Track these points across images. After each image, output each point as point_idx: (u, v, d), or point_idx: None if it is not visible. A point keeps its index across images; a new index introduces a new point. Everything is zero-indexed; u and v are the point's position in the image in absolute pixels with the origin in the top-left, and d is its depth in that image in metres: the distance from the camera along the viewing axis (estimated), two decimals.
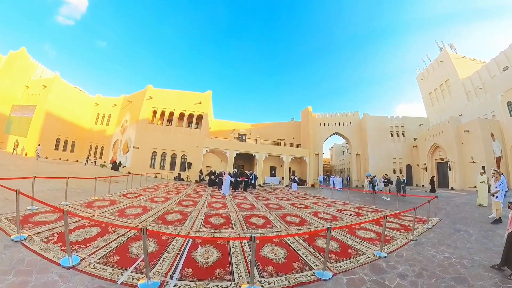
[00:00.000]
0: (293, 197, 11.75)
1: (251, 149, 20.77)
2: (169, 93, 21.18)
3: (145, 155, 19.08)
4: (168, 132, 19.84)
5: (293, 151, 21.85)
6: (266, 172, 22.04)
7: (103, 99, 26.44)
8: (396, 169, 21.82)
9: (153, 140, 19.38)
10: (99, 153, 24.23)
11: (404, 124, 23.16)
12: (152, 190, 10.43)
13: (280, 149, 21.51)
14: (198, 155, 19.23)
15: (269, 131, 26.49)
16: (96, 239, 3.82)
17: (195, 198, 9.04)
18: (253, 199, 10.35)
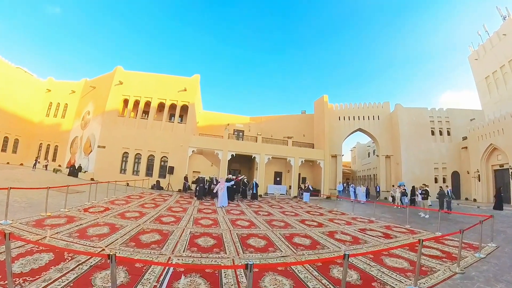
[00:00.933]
0: (303, 212, 11.82)
1: (250, 149, 20.88)
2: (144, 77, 21.31)
3: (114, 157, 19.24)
4: (143, 127, 19.96)
5: (303, 152, 21.94)
6: (269, 179, 22.17)
7: (57, 84, 26.49)
8: (438, 177, 21.83)
9: (124, 138, 19.53)
10: (51, 154, 24.36)
11: (450, 118, 22.98)
12: (122, 202, 10.48)
13: (287, 150, 21.62)
14: (182, 157, 19.34)
15: (274, 126, 26.62)
16: (48, 269, 3.75)
17: (178, 213, 9.09)
18: (252, 214, 10.40)
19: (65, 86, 25.73)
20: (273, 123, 26.94)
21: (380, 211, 13.04)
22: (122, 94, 20.63)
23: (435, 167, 21.99)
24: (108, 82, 21.27)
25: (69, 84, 25.75)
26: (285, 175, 23.03)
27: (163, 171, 19.56)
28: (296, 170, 21.39)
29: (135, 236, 5.72)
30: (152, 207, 10.04)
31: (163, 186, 18.45)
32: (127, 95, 20.66)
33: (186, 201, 13.25)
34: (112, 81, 20.82)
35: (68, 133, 23.87)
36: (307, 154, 22.00)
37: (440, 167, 21.96)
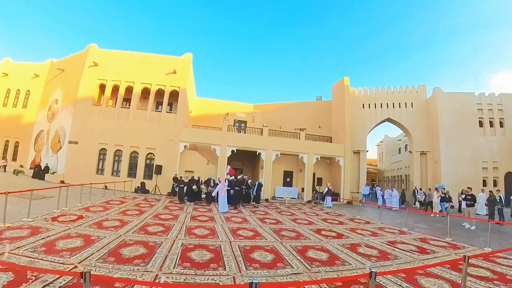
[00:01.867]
0: (318, 220, 11.87)
1: (255, 143, 20.97)
2: (124, 57, 21.38)
3: (89, 155, 19.44)
4: (124, 118, 20.10)
5: (319, 147, 21.95)
6: (277, 180, 22.28)
7: (15, 66, 26.46)
8: (487, 179, 21.57)
9: (100, 131, 19.70)
10: (11, 152, 24.66)
11: (504, 106, 22.56)
12: (100, 209, 10.58)
13: (300, 144, 21.66)
14: (172, 154, 19.49)
15: (283, 116, 26.66)
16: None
17: (168, 221, 9.18)
18: (257, 221, 10.46)
19: (26, 69, 25.59)
20: (282, 112, 26.93)
21: (414, 220, 12.98)
22: (98, 78, 20.73)
23: (483, 166, 21.73)
24: (79, 63, 21.32)
25: (31, 67, 25.65)
26: (296, 175, 23.09)
27: (149, 171, 19.68)
28: (310, 169, 21.41)
29: (114, 249, 5.74)
30: (135, 214, 10.11)
31: (149, 189, 18.63)
32: (103, 79, 20.77)
33: (177, 206, 13.32)
34: (85, 62, 20.89)
35: (32, 127, 24.11)
36: (324, 150, 21.97)
37: (490, 167, 21.68)
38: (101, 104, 20.65)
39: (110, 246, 5.90)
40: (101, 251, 5.57)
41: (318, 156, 21.64)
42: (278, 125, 25.29)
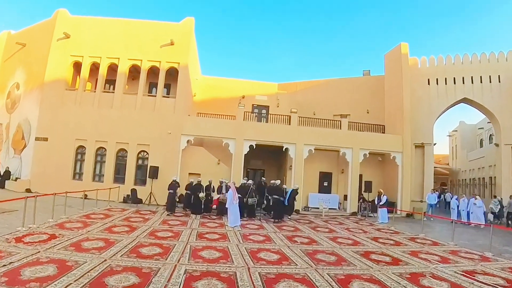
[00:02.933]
0: (366, 238, 11.74)
1: (280, 136, 20.93)
2: (105, 25, 21.66)
3: (62, 155, 19.89)
4: (107, 106, 20.45)
5: (368, 139, 21.69)
6: (310, 184, 22.17)
7: None
8: None
9: (77, 124, 20.12)
10: None
11: None
12: (78, 225, 10.81)
13: (341, 136, 21.50)
14: (171, 151, 19.75)
15: (317, 98, 26.48)
16: None
17: (167, 240, 9.31)
18: (284, 240, 10.46)
19: None
20: (317, 93, 26.71)
21: (502, 242, 12.57)
22: (71, 54, 21.07)
23: None
24: (45, 35, 21.63)
25: None
26: (337, 178, 22.96)
27: (141, 174, 20.00)
28: (356, 170, 21.24)
29: (98, 278, 5.82)
30: (125, 231, 10.25)
31: (142, 197, 18.86)
32: (78, 55, 21.10)
33: (179, 220, 13.49)
34: (53, 33, 21.20)
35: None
36: (374, 143, 21.66)
37: None
38: (76, 88, 21.06)
39: (92, 274, 5.97)
40: (80, 281, 5.64)
41: (366, 152, 21.37)
42: (311, 111, 25.05)
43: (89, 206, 15.16)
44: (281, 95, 26.92)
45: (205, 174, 18.94)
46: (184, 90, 20.86)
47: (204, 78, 27.40)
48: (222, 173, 19.65)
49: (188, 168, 20.01)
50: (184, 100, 20.81)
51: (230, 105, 24.52)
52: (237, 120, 20.98)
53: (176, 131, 19.89)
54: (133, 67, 21.32)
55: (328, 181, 22.91)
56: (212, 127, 20.61)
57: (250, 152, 20.69)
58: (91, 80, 21.80)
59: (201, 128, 20.44)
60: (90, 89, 21.45)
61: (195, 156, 20.41)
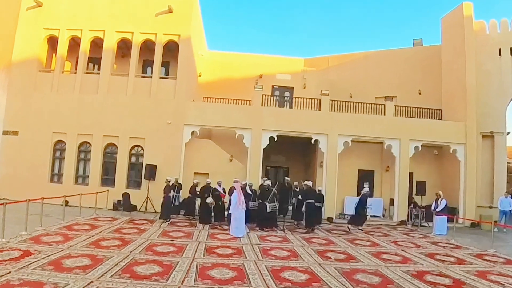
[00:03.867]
0: (417, 254, 11.54)
1: (308, 124, 20.79)
2: None
3: (37, 152, 20.03)
4: (92, 91, 20.48)
5: (420, 127, 21.36)
6: (346, 186, 21.93)
7: None
8: None
9: (54, 113, 20.20)
10: None
11: None
12: (58, 238, 10.80)
13: (386, 124, 21.24)
14: (172, 146, 19.79)
15: (354, 75, 26.35)
16: None
17: (168, 256, 9.24)
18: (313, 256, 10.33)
19: None
20: (353, 70, 26.57)
21: None
22: (44, 27, 21.09)
23: None
24: (11, 3, 21.60)
25: None
26: (380, 178, 22.86)
27: (135, 174, 20.09)
28: (405, 167, 20.92)
29: None
30: (115, 245, 10.21)
31: (137, 203, 18.82)
32: (53, 28, 21.09)
33: (183, 231, 13.48)
34: (20, 0, 21.21)
35: None
36: (428, 133, 21.27)
37: None
38: (52, 69, 21.17)
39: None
40: None
41: (417, 144, 21.01)
42: (347, 92, 24.97)
43: (71, 214, 15.19)
44: (309, 73, 26.68)
45: (214, 173, 18.89)
46: (186, 69, 20.81)
47: (211, 54, 27.34)
48: (235, 172, 19.53)
49: (193, 166, 20.00)
50: (186, 82, 20.77)
51: (244, 87, 24.31)
52: (254, 105, 20.89)
53: (178, 120, 19.87)
54: (122, 41, 21.30)
55: (369, 182, 22.36)
56: (223, 114, 20.52)
57: (270, 145, 20.59)
58: (71, 59, 21.84)
59: (208, 116, 20.35)
60: (69, 70, 21.52)
61: (202, 152, 20.39)
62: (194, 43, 21.83)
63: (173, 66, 21.65)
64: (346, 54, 27.65)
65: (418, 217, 19.86)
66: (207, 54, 26.85)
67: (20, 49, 20.80)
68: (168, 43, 21.09)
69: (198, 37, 23.68)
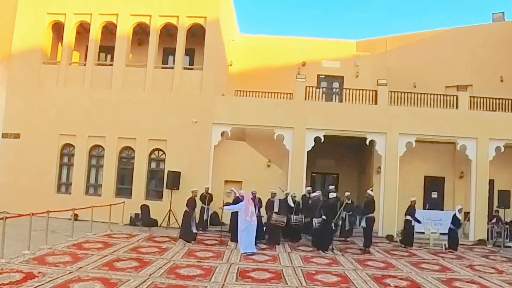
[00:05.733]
0: (501, 283, 11.14)
1: (361, 122, 20.62)
2: None
3: (41, 158, 20.50)
4: (104, 86, 20.88)
5: (503, 124, 20.82)
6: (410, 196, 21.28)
7: None
8: None
9: (61, 112, 20.64)
10: None
11: None
12: (66, 259, 10.93)
13: (458, 120, 20.80)
14: (199, 149, 19.97)
15: (418, 61, 26.09)
16: None
17: (194, 281, 9.17)
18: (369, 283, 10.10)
19: None
20: (417, 54, 26.32)
21: None
22: (48, 11, 21.56)
23: None
24: None
25: None
26: (452, 186, 22.51)
27: (156, 183, 20.35)
28: (484, 173, 20.43)
29: None
30: (133, 267, 10.26)
31: (157, 218, 18.85)
32: (59, 12, 21.56)
33: (212, 251, 13.50)
34: None
35: None
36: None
37: None
38: (58, 61, 21.69)
39: None
40: None
41: (500, 145, 20.47)
42: (410, 82, 24.81)
43: (81, 230, 15.41)
44: (362, 59, 26.51)
45: (249, 181, 19.08)
46: (214, 58, 20.94)
47: (244, 39, 27.46)
48: (274, 180, 19.53)
49: (224, 173, 20.15)
50: (215, 73, 20.91)
51: (284, 77, 24.25)
52: (296, 99, 20.87)
53: (205, 118, 19.97)
54: (138, 26, 21.63)
55: (438, 191, 22.35)
56: (258, 111, 20.49)
57: (316, 148, 20.47)
58: (79, 48, 22.35)
59: (241, 113, 20.38)
60: (78, 62, 22.00)
61: (234, 156, 20.52)
62: (224, 27, 21.92)
63: (198, 54, 21.87)
64: (408, 34, 27.43)
65: (501, 236, 19.29)
66: (239, 39, 26.94)
67: (21, 38, 21.28)
68: (193, 27, 21.27)
69: (228, 19, 23.84)
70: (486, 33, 25.78)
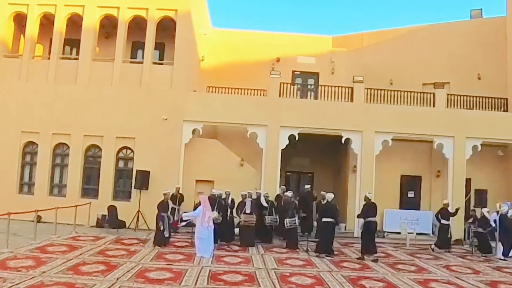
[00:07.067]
0: (479, 286, 11.17)
1: (337, 120, 20.70)
2: None
3: (1, 156, 20.13)
4: (70, 81, 20.62)
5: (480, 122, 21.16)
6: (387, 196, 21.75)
7: None
8: None
9: (23, 108, 20.31)
10: None
11: None
12: (28, 263, 10.76)
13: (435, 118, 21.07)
14: (169, 147, 19.87)
15: (395, 58, 26.33)
16: None
17: (163, 285, 9.10)
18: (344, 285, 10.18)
19: None
20: (394, 50, 26.56)
21: None
22: (9, 1, 21.23)
23: None
24: None
25: None
26: (429, 185, 22.76)
27: (124, 183, 20.26)
28: (460, 172, 20.76)
29: None
30: (99, 271, 10.14)
31: (125, 219, 18.67)
32: (20, 3, 21.21)
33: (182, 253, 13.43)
34: None
35: None
36: (491, 128, 20.99)
37: None
38: (20, 54, 21.36)
39: None
40: None
41: (477, 143, 20.76)
42: (387, 78, 24.98)
43: (44, 233, 15.24)
44: (338, 55, 26.61)
45: (221, 181, 18.96)
46: (185, 52, 20.88)
47: (216, 33, 27.44)
48: (247, 179, 19.61)
49: (196, 172, 20.06)
50: (186, 68, 20.85)
51: (258, 73, 24.28)
52: (270, 96, 20.91)
53: (176, 116, 19.87)
54: (106, 18, 21.44)
55: (415, 190, 22.61)
56: (231, 108, 20.41)
57: (291, 146, 20.53)
58: (43, 41, 22.04)
59: (213, 110, 20.27)
60: (41, 55, 21.67)
61: (206, 155, 20.39)
62: (195, 20, 21.87)
63: (169, 48, 21.75)
64: (385, 30, 27.68)
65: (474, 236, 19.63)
66: (211, 33, 26.91)
67: None
68: (163, 20, 21.12)
69: (200, 12, 23.77)
70: (464, 30, 26.15)
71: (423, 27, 27.19)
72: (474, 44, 25.37)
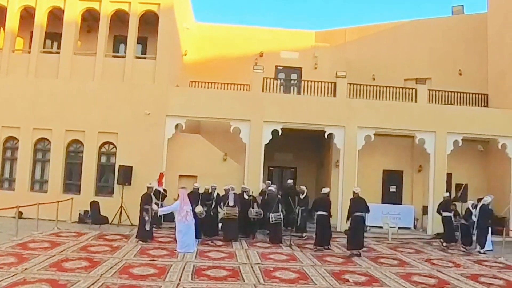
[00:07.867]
0: (459, 277, 11.40)
1: (320, 115, 20.83)
2: None
3: None
4: (51, 75, 20.46)
5: (461, 117, 21.33)
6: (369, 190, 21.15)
7: None
8: None
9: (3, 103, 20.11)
10: None
11: None
12: (9, 260, 10.64)
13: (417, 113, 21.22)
14: (152, 142, 19.81)
15: (378, 53, 26.43)
16: None
17: (148, 281, 9.11)
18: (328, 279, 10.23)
19: None
20: (377, 46, 26.68)
21: None
22: None
23: None
24: None
25: None
26: (411, 180, 22.96)
27: (106, 179, 20.20)
28: (442, 166, 20.94)
29: None
30: (82, 267, 10.12)
31: (108, 215, 18.66)
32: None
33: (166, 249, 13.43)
34: None
35: None
36: (471, 123, 21.23)
37: None
38: (0, 48, 21.13)
39: None
40: None
41: (457, 138, 20.92)
42: (369, 74, 25.09)
43: (26, 229, 15.15)
44: (321, 50, 26.61)
45: (205, 176, 19.03)
46: (168, 47, 20.82)
47: (199, 27, 27.32)
48: (230, 173, 19.66)
49: (179, 167, 20.06)
50: (169, 62, 20.80)
51: (241, 68, 24.31)
52: (253, 91, 20.93)
53: (159, 110, 19.84)
54: (88, 12, 21.25)
55: (397, 185, 22.77)
56: (214, 103, 20.41)
57: (274, 141, 20.50)
58: (23, 34, 21.82)
59: (196, 105, 20.25)
60: (21, 49, 21.46)
61: (189, 150, 20.40)
62: (178, 14, 21.80)
63: (151, 43, 21.66)
64: (367, 26, 27.73)
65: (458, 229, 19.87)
66: (194, 28, 26.81)
67: None
68: (145, 14, 21.02)
69: (183, 6, 23.70)
70: (446, 26, 26.37)
71: (405, 23, 27.37)
72: (455, 40, 25.58)
